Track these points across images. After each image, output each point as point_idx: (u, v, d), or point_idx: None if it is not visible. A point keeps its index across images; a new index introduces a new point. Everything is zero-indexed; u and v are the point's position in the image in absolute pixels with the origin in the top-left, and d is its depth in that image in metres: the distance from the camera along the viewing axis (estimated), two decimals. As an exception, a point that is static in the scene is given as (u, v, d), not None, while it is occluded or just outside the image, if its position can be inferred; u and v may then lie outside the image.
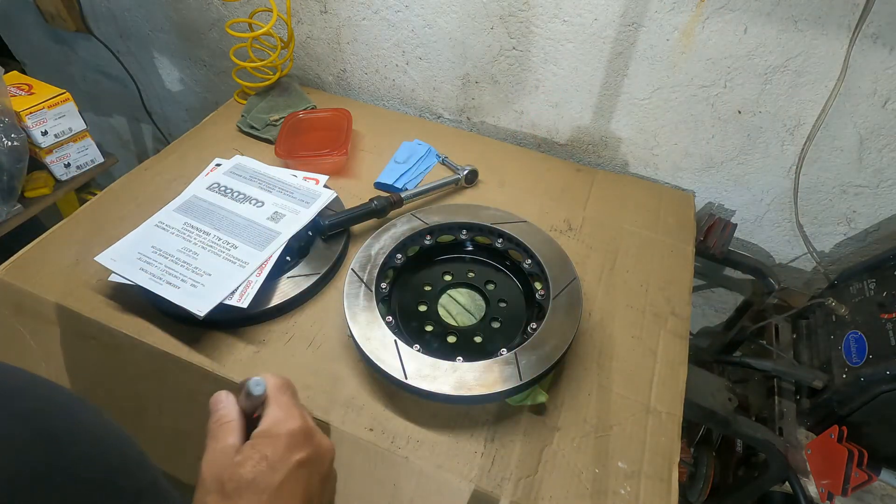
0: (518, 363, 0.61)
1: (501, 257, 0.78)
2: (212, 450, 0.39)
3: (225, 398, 0.43)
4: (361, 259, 0.73)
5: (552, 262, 0.73)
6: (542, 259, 0.73)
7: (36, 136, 1.03)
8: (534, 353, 0.62)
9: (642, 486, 0.59)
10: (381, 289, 0.71)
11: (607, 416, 0.65)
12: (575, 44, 0.93)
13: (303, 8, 1.09)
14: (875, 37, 0.76)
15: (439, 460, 0.60)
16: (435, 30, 1.02)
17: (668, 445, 0.63)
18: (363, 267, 0.71)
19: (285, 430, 0.40)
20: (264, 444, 0.39)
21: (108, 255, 0.71)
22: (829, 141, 0.88)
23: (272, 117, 1.04)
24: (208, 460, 0.39)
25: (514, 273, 0.77)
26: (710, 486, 0.90)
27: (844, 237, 0.99)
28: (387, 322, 0.65)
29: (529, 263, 0.75)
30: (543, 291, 0.71)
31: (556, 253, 0.74)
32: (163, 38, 1.32)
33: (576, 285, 0.70)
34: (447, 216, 0.79)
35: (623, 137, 1.02)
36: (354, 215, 0.81)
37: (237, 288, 0.68)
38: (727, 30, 0.83)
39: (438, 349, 0.67)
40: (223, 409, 0.42)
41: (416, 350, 0.62)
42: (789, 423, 0.81)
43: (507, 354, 0.62)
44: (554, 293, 0.69)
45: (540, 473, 0.60)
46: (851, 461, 0.69)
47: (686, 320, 0.76)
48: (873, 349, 0.74)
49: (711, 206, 1.05)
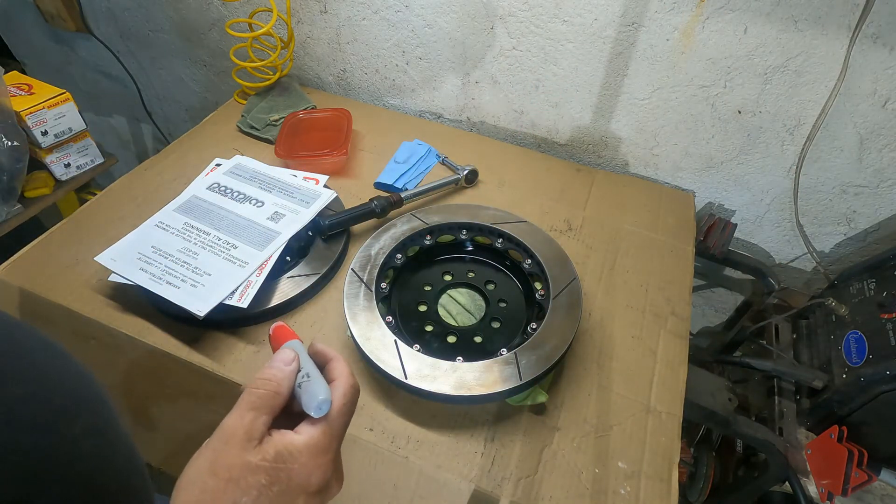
0: (518, 363, 0.61)
1: (501, 257, 0.78)
2: (239, 416, 0.34)
3: (290, 362, 0.38)
4: (361, 259, 0.73)
5: (552, 262, 0.73)
6: (542, 259, 0.73)
7: (36, 136, 1.03)
8: (534, 353, 0.62)
9: (642, 486, 0.59)
10: (381, 289, 0.71)
11: (607, 416, 0.65)
12: (575, 44, 0.93)
13: (303, 8, 1.09)
14: (875, 37, 0.76)
15: (439, 460, 0.60)
16: (435, 30, 1.02)
17: (668, 445, 0.63)
18: (363, 267, 0.71)
19: (312, 470, 0.35)
20: (284, 470, 0.34)
21: (108, 255, 0.71)
22: (829, 141, 0.88)
23: (272, 117, 1.04)
24: (228, 426, 0.34)
25: (514, 273, 0.77)
26: (710, 486, 0.90)
27: (844, 237, 0.99)
28: (387, 322, 0.65)
29: (529, 263, 0.75)
30: (543, 291, 0.71)
31: (556, 253, 0.74)
32: (163, 38, 1.32)
33: (576, 285, 0.70)
34: (447, 216, 0.79)
35: (623, 137, 1.03)
36: (354, 215, 0.81)
37: (237, 288, 0.68)
38: (727, 30, 0.83)
39: (438, 349, 0.67)
40: (279, 375, 0.37)
41: (416, 350, 0.62)
42: (789, 423, 0.81)
43: (506, 354, 0.62)
44: (554, 293, 0.69)
45: (540, 473, 0.60)
46: (851, 461, 0.69)
47: (686, 320, 0.76)
48: (873, 349, 0.74)
49: (711, 206, 1.05)
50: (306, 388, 0.37)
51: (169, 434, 0.81)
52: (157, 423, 0.81)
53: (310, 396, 0.36)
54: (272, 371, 0.37)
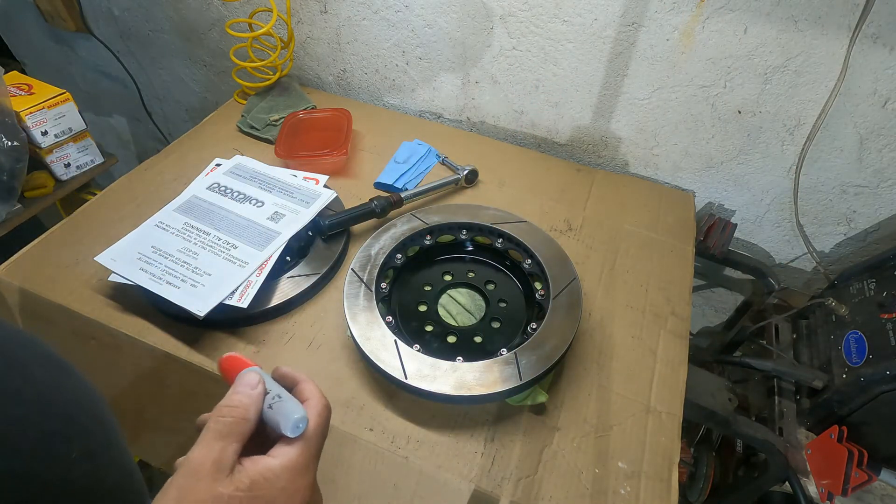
0: (518, 363, 0.61)
1: (501, 257, 0.78)
2: (206, 447, 0.32)
3: (256, 385, 0.36)
4: (361, 259, 0.73)
5: (552, 261, 0.73)
6: (541, 259, 0.73)
7: (36, 136, 1.03)
8: (534, 353, 0.62)
9: (642, 486, 0.59)
10: (381, 289, 0.71)
11: (607, 416, 0.65)
12: (575, 44, 0.93)
13: (303, 8, 1.09)
14: (875, 37, 0.76)
15: (439, 460, 0.60)
16: (435, 30, 1.02)
17: (668, 445, 0.63)
18: (363, 267, 0.71)
19: (292, 494, 0.33)
20: (261, 498, 0.32)
21: (108, 255, 0.71)
22: (829, 141, 0.88)
23: (272, 117, 1.04)
24: (195, 459, 0.32)
25: (514, 273, 0.77)
26: (710, 486, 0.90)
27: (844, 237, 0.99)
28: (387, 322, 0.65)
29: (529, 263, 0.75)
30: (543, 291, 0.71)
31: (556, 253, 0.74)
32: (163, 38, 1.32)
33: (576, 285, 0.70)
34: (447, 216, 0.79)
35: (623, 137, 1.02)
36: (354, 215, 0.81)
37: (237, 288, 0.68)
38: (727, 30, 0.83)
39: (438, 349, 0.67)
40: (246, 401, 0.35)
41: (415, 350, 0.62)
42: (789, 423, 0.81)
43: (507, 354, 0.62)
44: (554, 293, 0.69)
45: (540, 473, 0.60)
46: (851, 461, 0.69)
47: (686, 320, 0.76)
48: (873, 349, 0.74)
49: (711, 206, 1.05)
50: (279, 408, 0.36)
51: (169, 434, 0.81)
52: (157, 423, 0.81)
53: (285, 417, 0.35)
54: (238, 397, 0.35)
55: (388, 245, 0.74)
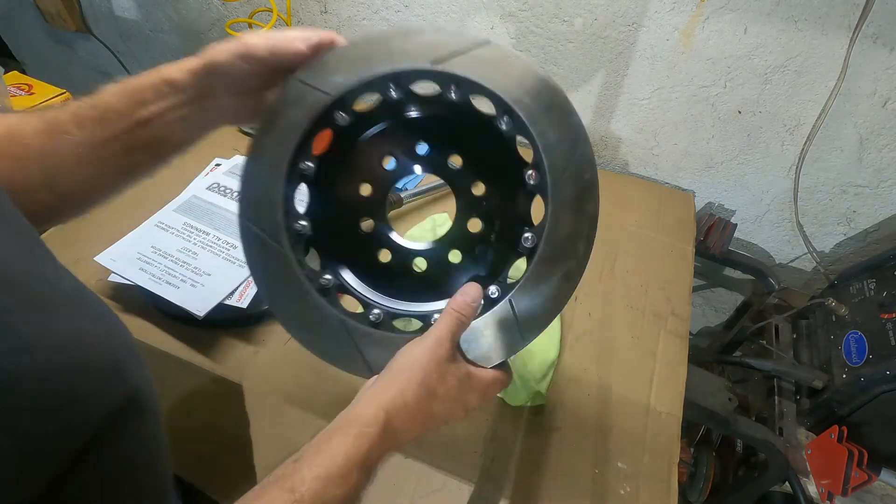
0: (516, 313, 0.41)
1: (465, 116, 0.44)
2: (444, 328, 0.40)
3: (478, 299, 0.42)
4: (250, 199, 0.45)
5: (542, 115, 0.43)
6: (523, 114, 0.42)
7: (36, 136, 1.03)
8: (535, 294, 0.41)
9: (642, 486, 0.59)
10: (297, 230, 0.44)
11: (607, 416, 0.65)
12: (575, 44, 0.93)
13: (303, 8, 1.09)
14: (875, 37, 0.76)
15: (439, 460, 0.60)
16: (435, 30, 1.02)
17: (668, 445, 0.63)
18: (255, 209, 0.45)
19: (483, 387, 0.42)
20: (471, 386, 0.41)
21: (108, 255, 0.71)
22: (829, 141, 0.88)
23: (272, 117, 1.04)
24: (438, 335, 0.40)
25: (489, 144, 0.44)
26: (710, 486, 0.90)
27: (844, 237, 0.99)
28: (321, 285, 0.43)
29: (507, 121, 0.43)
30: (536, 175, 0.42)
31: (548, 93, 0.44)
32: (163, 38, 1.32)
33: (584, 156, 0.42)
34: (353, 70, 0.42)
35: (623, 137, 1.02)
36: (354, 215, 0.80)
37: (237, 288, 0.68)
38: (727, 30, 0.83)
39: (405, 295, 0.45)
40: (474, 305, 0.42)
41: (375, 317, 0.43)
42: (789, 423, 0.81)
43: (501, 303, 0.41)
44: (553, 175, 0.41)
45: (540, 473, 0.60)
46: (851, 461, 0.69)
47: (686, 320, 0.76)
48: (873, 349, 0.74)
49: (711, 206, 1.05)
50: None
51: (169, 434, 0.81)
52: (157, 423, 0.81)
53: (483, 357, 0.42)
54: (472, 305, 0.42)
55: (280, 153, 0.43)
